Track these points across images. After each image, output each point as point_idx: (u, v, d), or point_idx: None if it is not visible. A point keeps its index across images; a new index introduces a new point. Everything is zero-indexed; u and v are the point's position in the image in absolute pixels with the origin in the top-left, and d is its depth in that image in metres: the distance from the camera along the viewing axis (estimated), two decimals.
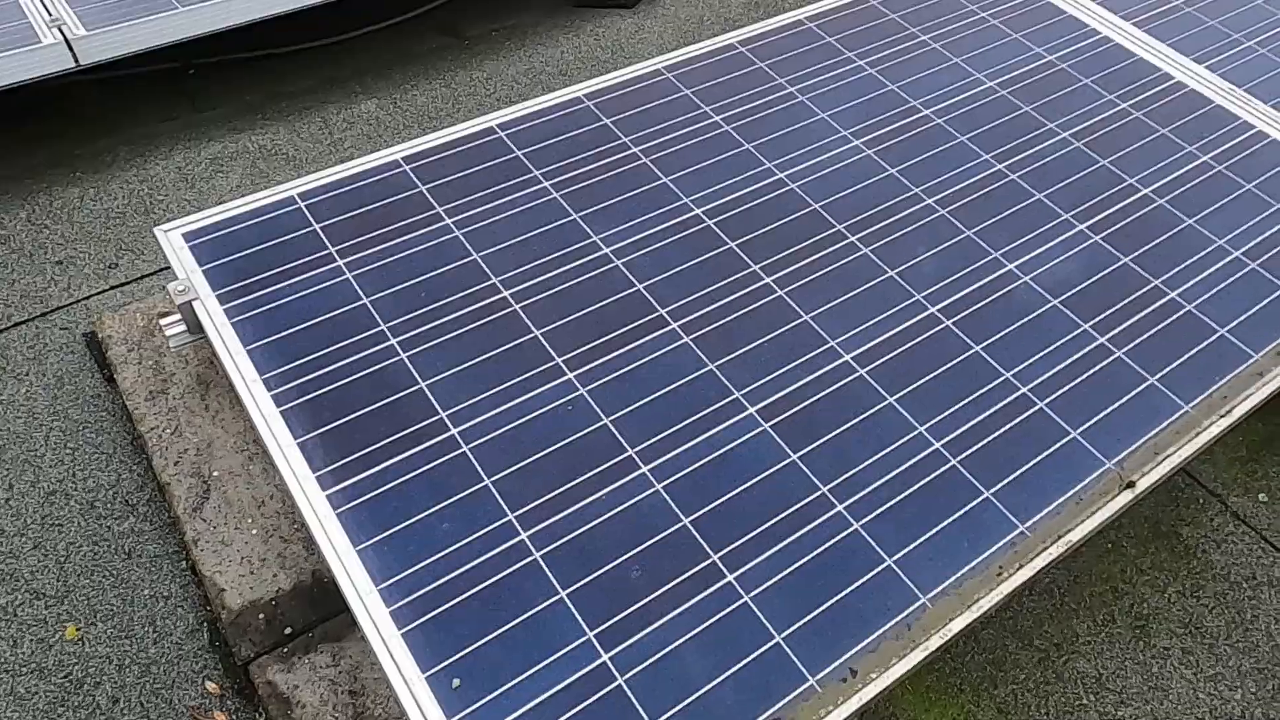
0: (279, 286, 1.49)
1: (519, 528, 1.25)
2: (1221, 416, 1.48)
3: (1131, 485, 1.38)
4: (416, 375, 1.40)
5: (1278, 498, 1.70)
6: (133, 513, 1.52)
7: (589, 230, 1.63)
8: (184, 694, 1.34)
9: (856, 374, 1.47)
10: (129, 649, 1.38)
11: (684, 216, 1.67)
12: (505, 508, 1.27)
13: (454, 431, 1.34)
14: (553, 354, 1.45)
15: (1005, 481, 1.36)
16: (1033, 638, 1.49)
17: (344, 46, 2.46)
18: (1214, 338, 1.58)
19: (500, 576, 1.20)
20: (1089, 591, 1.55)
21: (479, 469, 1.30)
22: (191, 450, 1.50)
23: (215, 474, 1.48)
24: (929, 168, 1.81)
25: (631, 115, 1.85)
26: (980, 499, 1.34)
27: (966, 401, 1.45)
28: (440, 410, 1.36)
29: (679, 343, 1.48)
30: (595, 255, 1.59)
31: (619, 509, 1.28)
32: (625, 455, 1.34)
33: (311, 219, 1.60)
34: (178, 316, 1.49)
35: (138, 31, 2.03)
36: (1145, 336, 1.57)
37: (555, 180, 1.71)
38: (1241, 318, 1.61)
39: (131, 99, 2.24)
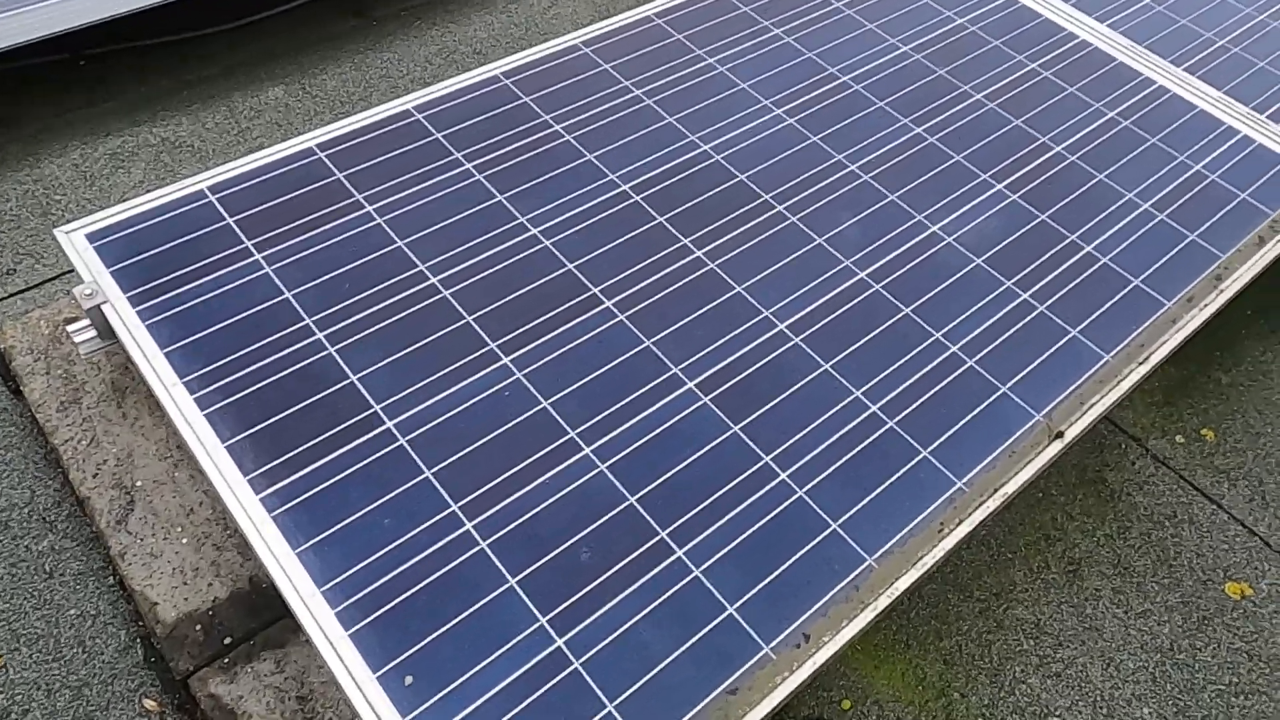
0: (194, 285, 1.43)
1: (463, 518, 1.23)
2: (1140, 364, 1.53)
3: (1060, 435, 1.42)
4: (346, 369, 1.36)
5: (1193, 439, 1.77)
6: (51, 530, 1.45)
7: (515, 211, 1.60)
8: (121, 714, 1.29)
9: (791, 342, 1.48)
10: (58, 672, 1.32)
11: (611, 193, 1.66)
12: (448, 498, 1.24)
13: (390, 424, 1.31)
14: (486, 339, 1.42)
15: (941, 440, 1.39)
16: (973, 589, 1.53)
17: (248, 31, 2.36)
18: (1129, 288, 1.63)
19: (447, 569, 1.18)
20: (1023, 541, 1.60)
21: (418, 461, 1.27)
22: (111, 461, 1.44)
23: (138, 484, 1.42)
24: (850, 134, 1.83)
25: (551, 92, 1.82)
26: (918, 458, 1.37)
27: (900, 363, 1.47)
28: (374, 403, 1.32)
29: (614, 321, 1.47)
30: (523, 236, 1.56)
31: (564, 491, 1.27)
32: (567, 437, 1.32)
33: (224, 212, 1.53)
34: (86, 322, 1.42)
35: (24, 20, 1.91)
36: (1065, 290, 1.61)
37: (477, 162, 1.67)
38: (1153, 268, 1.67)
39: (21, 94, 2.12)
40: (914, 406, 1.42)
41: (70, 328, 1.43)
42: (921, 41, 2.06)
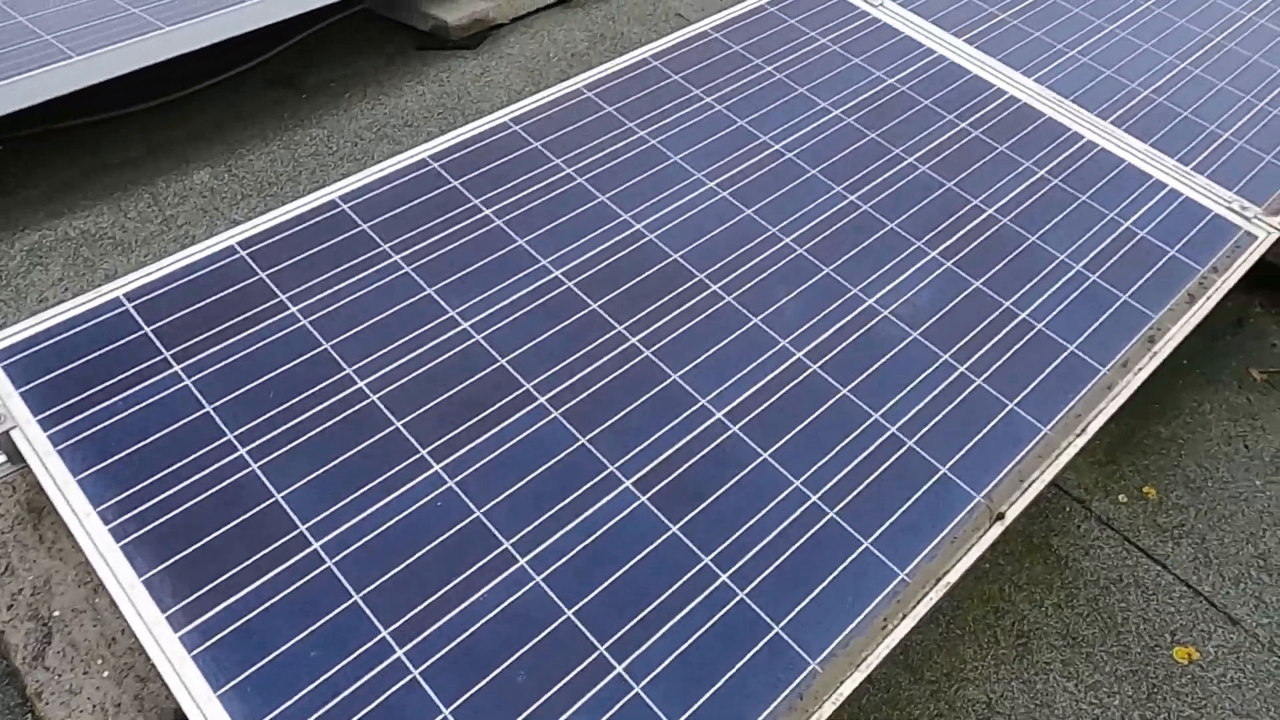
0: (109, 403, 1.38)
1: (394, 644, 1.19)
2: (1078, 435, 1.53)
3: (1001, 517, 1.41)
4: (271, 487, 1.31)
5: (1136, 497, 1.78)
6: None
7: (445, 305, 1.57)
8: None
9: (729, 431, 1.46)
10: None
11: (543, 280, 1.63)
12: (378, 624, 1.20)
13: (316, 546, 1.26)
14: (417, 445, 1.38)
15: (882, 529, 1.38)
16: (923, 670, 1.52)
17: (172, 108, 2.32)
18: (1064, 355, 1.64)
19: (378, 702, 1.14)
20: (972, 615, 1.59)
21: (346, 585, 1.23)
22: (27, 589, 1.38)
23: (56, 614, 1.36)
24: (783, 205, 1.82)
25: (481, 174, 1.80)
26: (860, 550, 1.35)
27: (839, 448, 1.46)
28: (299, 524, 1.28)
29: (548, 418, 1.44)
30: (454, 331, 1.53)
31: (499, 609, 1.23)
32: (501, 548, 1.29)
33: (141, 321, 1.48)
34: None
35: None
36: (1002, 361, 1.61)
37: (405, 253, 1.64)
38: (1087, 333, 1.68)
39: None
40: (854, 494, 1.41)
41: None
42: (852, 104, 2.07)
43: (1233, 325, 2.13)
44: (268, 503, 1.30)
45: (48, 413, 1.36)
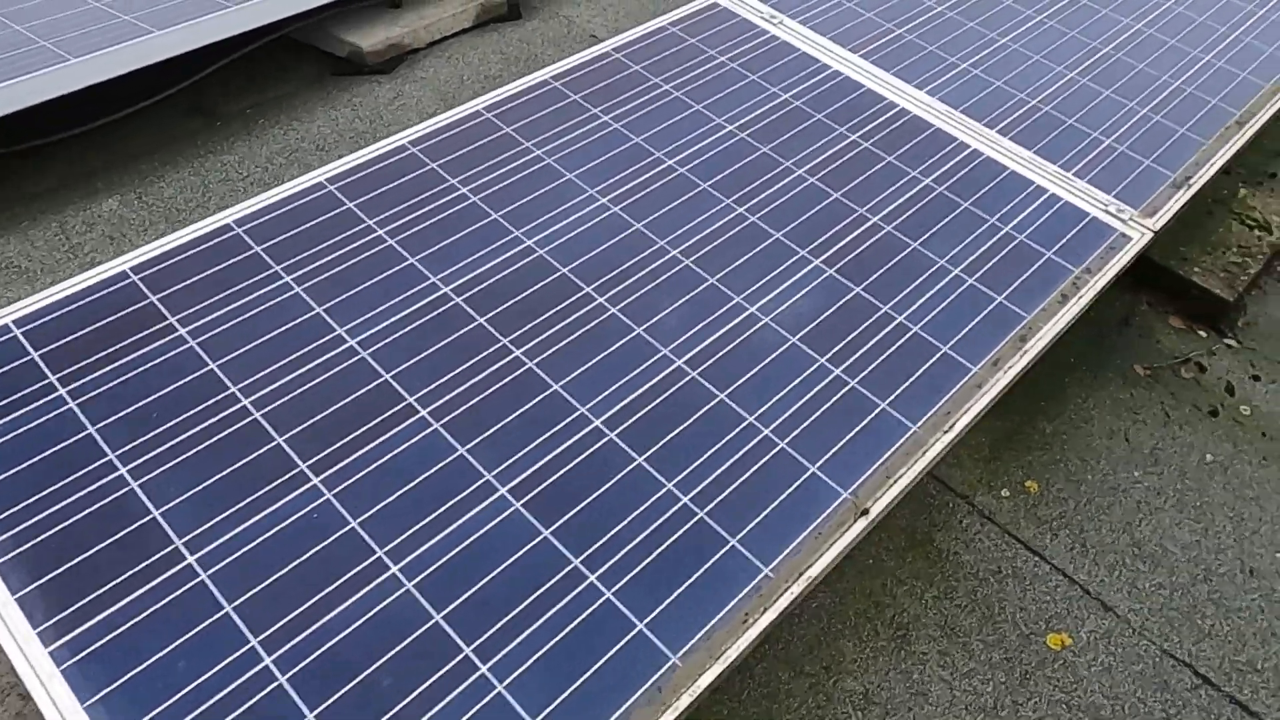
0: None
1: (263, 652, 1.22)
2: (945, 432, 1.59)
3: (866, 512, 1.47)
4: (149, 504, 1.35)
5: (1018, 491, 1.85)
6: None
7: (333, 323, 1.61)
8: None
9: (606, 438, 1.51)
10: None
11: (432, 297, 1.68)
12: (248, 633, 1.24)
13: (191, 560, 1.30)
14: (297, 460, 1.42)
15: (749, 527, 1.43)
16: (804, 665, 1.56)
17: (90, 138, 2.35)
18: (937, 356, 1.70)
19: (244, 708, 1.17)
20: (853, 610, 1.64)
21: (219, 596, 1.27)
22: None
23: None
24: (673, 219, 1.88)
25: (377, 196, 1.84)
26: (727, 547, 1.40)
27: (712, 451, 1.51)
28: (176, 539, 1.32)
29: (428, 430, 1.48)
30: (340, 349, 1.57)
31: (368, 616, 1.27)
32: (375, 557, 1.33)
33: (29, 347, 1.52)
34: None
35: None
36: (877, 363, 1.68)
37: (297, 274, 1.68)
38: (961, 333, 1.74)
39: None
40: (725, 494, 1.46)
41: None
42: (746, 120, 2.14)
43: (1120, 323, 2.21)
44: (145, 519, 1.33)
45: None
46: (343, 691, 1.20)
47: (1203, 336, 2.19)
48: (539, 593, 1.32)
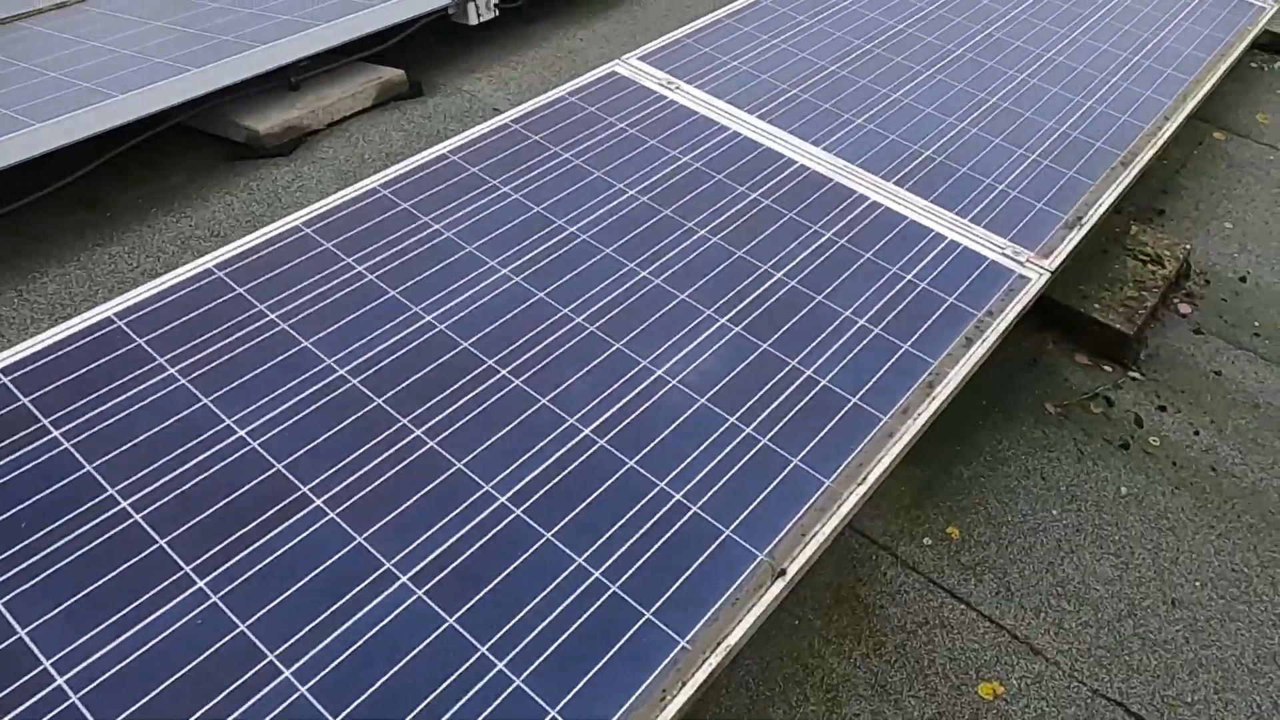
0: None
1: None
2: (859, 484, 1.57)
3: (783, 574, 1.43)
4: (15, 624, 1.25)
5: (940, 538, 1.83)
6: None
7: (221, 414, 1.54)
8: None
9: (513, 515, 1.45)
10: None
11: (327, 380, 1.62)
12: None
13: (60, 681, 1.20)
14: (180, 563, 1.34)
15: (664, 597, 1.38)
16: None
17: None
18: (847, 408, 1.69)
19: None
20: (781, 675, 1.59)
21: None
22: None
23: None
24: (576, 285, 1.86)
25: (269, 279, 1.79)
26: (641, 621, 1.35)
27: (623, 521, 1.47)
28: (44, 659, 1.22)
29: (323, 520, 1.41)
30: (228, 440, 1.50)
31: None
32: (265, 662, 1.25)
33: None
34: None
35: None
36: (787, 419, 1.66)
37: (182, 365, 1.61)
38: (869, 384, 1.74)
39: None
40: (637, 565, 1.41)
41: None
42: (647, 184, 2.14)
43: (1028, 364, 2.24)
44: (10, 640, 1.23)
45: None
46: None
47: (1108, 371, 2.23)
48: (443, 687, 1.24)
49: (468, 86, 2.88)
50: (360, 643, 1.28)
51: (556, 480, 1.51)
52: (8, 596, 1.27)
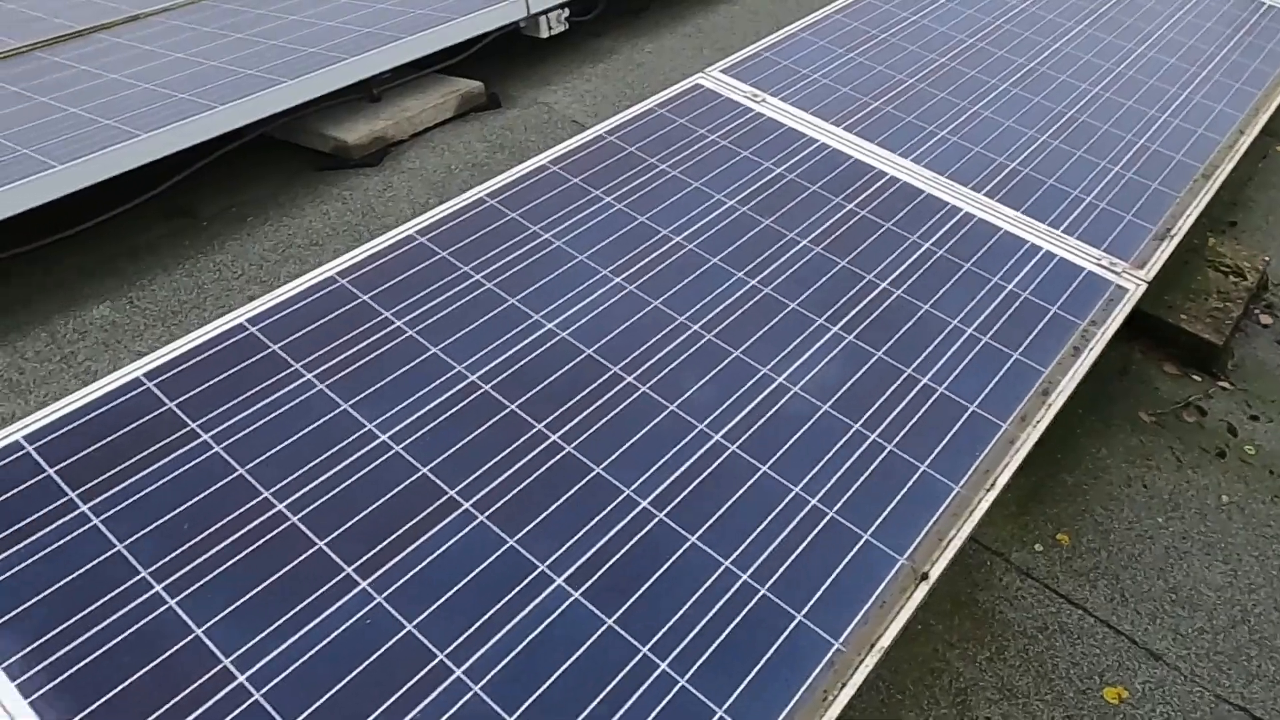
0: (11, 552, 1.32)
1: None
2: (989, 490, 1.60)
3: (925, 577, 1.45)
4: (190, 622, 1.27)
5: (1051, 545, 1.85)
6: None
7: (361, 419, 1.56)
8: None
9: (656, 519, 1.48)
10: None
11: (459, 386, 1.64)
12: None
13: (241, 679, 1.22)
14: (342, 564, 1.36)
15: (813, 600, 1.40)
16: None
17: (64, 246, 2.28)
18: (967, 415, 1.72)
19: None
20: (910, 679, 1.61)
21: (276, 717, 1.19)
22: None
23: None
24: (689, 294, 1.89)
25: (390, 287, 1.82)
26: (794, 623, 1.37)
27: (765, 524, 1.49)
28: (223, 657, 1.24)
29: (474, 523, 1.44)
30: (372, 445, 1.53)
31: None
32: (435, 661, 1.27)
33: (44, 463, 1.44)
34: None
35: None
36: (910, 425, 1.68)
37: (318, 371, 1.63)
38: (985, 391, 1.76)
39: None
40: (783, 568, 1.43)
41: None
42: (745, 195, 2.17)
43: (1119, 373, 2.26)
44: (187, 639, 1.25)
45: None
46: None
47: (1197, 380, 2.26)
48: (612, 685, 1.26)
49: (544, 98, 2.92)
50: (526, 643, 1.30)
51: (693, 485, 1.53)
52: (180, 596, 1.30)
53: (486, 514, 1.45)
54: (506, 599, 1.35)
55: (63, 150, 2.18)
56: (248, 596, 1.30)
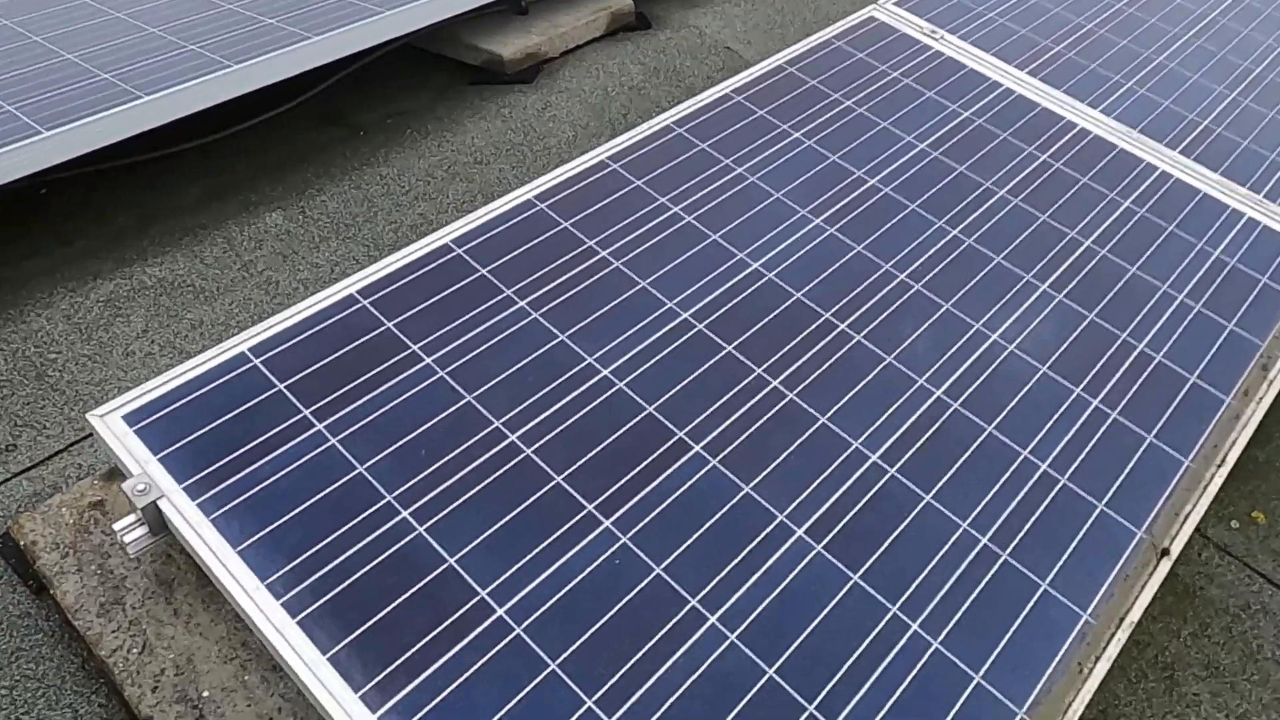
0: (256, 467, 1.30)
1: (602, 715, 1.13)
2: (1219, 465, 1.55)
3: (1167, 553, 1.41)
4: (442, 551, 1.25)
5: (1246, 523, 1.80)
6: None
7: (581, 351, 1.52)
8: None
9: (888, 474, 1.44)
10: None
11: (673, 323, 1.59)
12: (581, 694, 1.14)
13: (500, 611, 1.20)
14: (582, 501, 1.33)
15: (1055, 569, 1.36)
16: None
17: (223, 147, 2.23)
18: (1188, 386, 1.65)
19: None
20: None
21: (540, 653, 1.17)
22: (170, 669, 1.28)
23: (205, 694, 1.27)
24: (891, 240, 1.82)
25: (590, 214, 1.75)
26: (1039, 592, 1.33)
27: (997, 488, 1.45)
28: (479, 589, 1.22)
29: (707, 467, 1.40)
30: (595, 379, 1.49)
31: (699, 672, 1.18)
32: (689, 607, 1.24)
33: (272, 377, 1.41)
34: (133, 519, 1.27)
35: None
36: (1131, 393, 1.62)
37: (531, 298, 1.59)
38: (1204, 362, 1.70)
39: None
40: (1022, 534, 1.39)
41: (116, 526, 1.27)
42: (935, 138, 2.08)
43: None
44: (442, 568, 1.23)
45: (193, 479, 1.27)
46: None
47: None
48: (866, 644, 1.24)
49: (693, 21, 2.80)
50: (775, 594, 1.27)
51: (921, 442, 1.49)
52: (428, 524, 1.27)
53: (718, 458, 1.41)
54: (750, 547, 1.32)
55: (230, 50, 2.10)
56: (495, 528, 1.28)
